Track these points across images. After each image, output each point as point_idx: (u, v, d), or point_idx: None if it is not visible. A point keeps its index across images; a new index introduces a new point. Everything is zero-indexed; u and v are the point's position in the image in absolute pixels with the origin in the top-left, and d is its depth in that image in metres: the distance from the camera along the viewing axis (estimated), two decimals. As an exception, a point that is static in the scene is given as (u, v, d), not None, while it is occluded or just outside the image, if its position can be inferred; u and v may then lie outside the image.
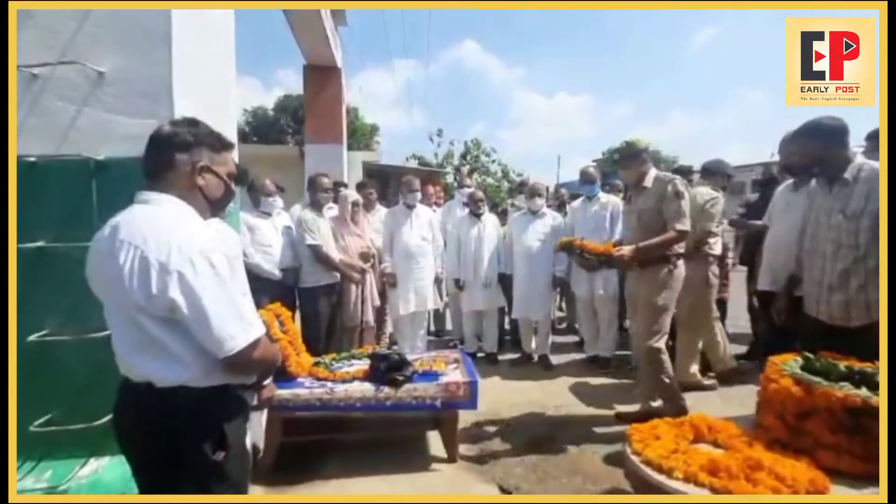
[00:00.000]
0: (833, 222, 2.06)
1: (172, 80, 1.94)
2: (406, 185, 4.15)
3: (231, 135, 2.53)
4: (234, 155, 1.61)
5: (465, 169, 14.38)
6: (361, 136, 17.09)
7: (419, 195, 4.21)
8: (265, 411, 2.22)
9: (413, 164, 15.82)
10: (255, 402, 1.77)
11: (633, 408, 3.02)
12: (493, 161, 17.46)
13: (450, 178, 14.03)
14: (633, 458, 1.70)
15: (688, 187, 2.71)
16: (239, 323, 1.09)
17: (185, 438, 1.11)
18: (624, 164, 2.82)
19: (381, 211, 4.60)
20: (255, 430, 1.82)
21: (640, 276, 2.80)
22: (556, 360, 4.15)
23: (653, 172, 2.78)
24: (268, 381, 1.70)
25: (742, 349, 4.04)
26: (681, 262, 2.75)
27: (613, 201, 4.02)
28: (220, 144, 1.26)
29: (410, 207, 4.09)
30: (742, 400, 2.81)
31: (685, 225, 2.61)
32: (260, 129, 18.55)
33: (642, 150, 2.76)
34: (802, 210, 2.32)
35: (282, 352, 2.42)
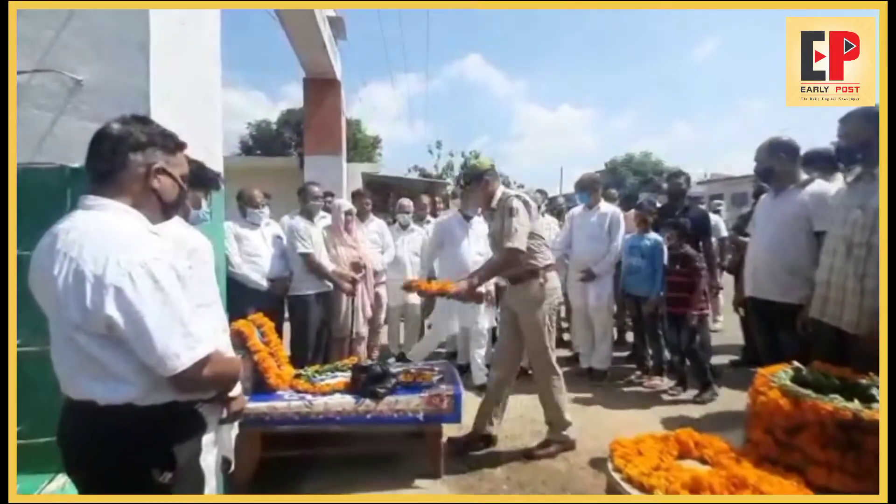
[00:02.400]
0: (850, 218, 2.01)
1: (150, 89, 1.93)
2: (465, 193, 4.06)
3: (215, 144, 2.55)
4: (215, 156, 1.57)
5: (451, 182, 14.41)
6: (363, 147, 17.19)
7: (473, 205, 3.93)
8: (236, 424, 2.16)
9: (414, 175, 15.88)
10: (223, 416, 1.73)
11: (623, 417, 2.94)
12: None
13: (450, 189, 14.05)
14: (615, 474, 1.63)
15: (528, 205, 2.63)
16: (184, 340, 1.01)
17: (130, 459, 1.04)
18: (468, 187, 2.80)
19: (374, 221, 4.56)
20: (226, 444, 1.76)
21: (513, 293, 2.76)
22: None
23: (499, 193, 2.71)
24: (236, 394, 1.65)
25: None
26: (551, 275, 2.69)
27: (612, 211, 3.98)
28: (174, 144, 1.19)
29: (468, 218, 3.93)
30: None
31: (514, 243, 2.49)
32: (263, 141, 18.72)
33: (484, 172, 2.70)
34: (783, 216, 2.28)
35: (261, 363, 2.38)
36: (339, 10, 7.53)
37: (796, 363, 1.85)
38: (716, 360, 3.92)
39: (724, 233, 5.07)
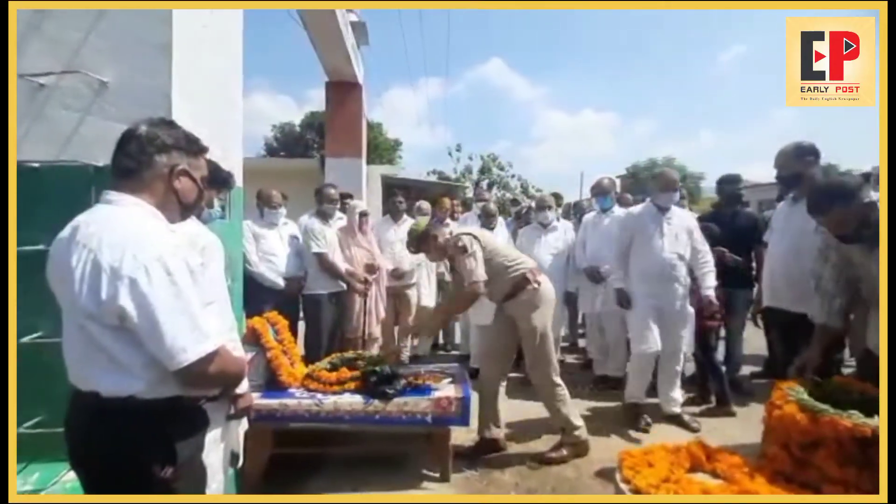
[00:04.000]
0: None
1: (171, 90, 1.98)
2: (539, 201, 4.23)
3: (235, 144, 2.61)
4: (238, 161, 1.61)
5: (485, 184, 14.42)
6: (384, 150, 17.36)
7: (549, 214, 4.07)
8: (244, 420, 2.19)
9: (433, 178, 15.94)
10: (230, 412, 1.75)
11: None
12: (513, 176, 17.46)
13: (469, 193, 14.06)
14: (623, 485, 1.60)
15: (472, 242, 2.61)
16: (192, 335, 1.03)
17: (130, 453, 1.06)
18: (421, 251, 2.82)
19: (407, 222, 4.53)
20: (234, 439, 1.79)
21: (510, 307, 2.72)
22: (563, 380, 4.01)
23: (445, 236, 2.71)
24: (243, 391, 1.68)
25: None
26: (543, 278, 2.69)
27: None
28: (197, 148, 1.23)
29: (545, 226, 4.05)
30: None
31: (473, 277, 2.53)
32: (287, 144, 19.09)
33: (426, 232, 2.74)
34: (804, 222, 2.25)
35: (273, 361, 2.41)
36: (362, 16, 7.63)
37: (814, 376, 1.79)
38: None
39: None
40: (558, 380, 2.70)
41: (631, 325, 3.17)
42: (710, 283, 3.01)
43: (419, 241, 2.77)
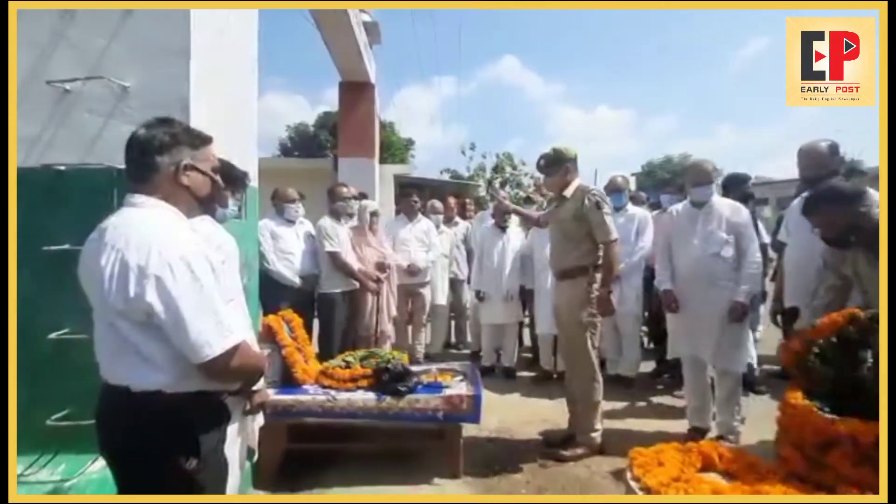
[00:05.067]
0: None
1: (189, 94, 2.04)
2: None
3: (251, 145, 2.66)
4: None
5: (497, 183, 14.39)
6: (397, 150, 17.42)
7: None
8: (259, 416, 2.24)
9: (445, 177, 15.96)
10: (247, 408, 1.80)
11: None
12: (526, 174, 17.38)
13: (482, 192, 14.05)
14: (632, 483, 1.60)
15: (604, 197, 2.66)
16: (216, 329, 1.08)
17: (157, 444, 1.11)
18: (547, 170, 2.76)
19: (423, 221, 4.55)
20: (250, 435, 1.84)
21: (559, 290, 2.72)
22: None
23: (576, 183, 2.71)
24: (259, 387, 1.72)
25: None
26: (599, 276, 2.65)
27: (640, 213, 3.91)
28: (199, 140, 1.24)
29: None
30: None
31: (613, 234, 2.58)
32: (301, 143, 19.28)
33: (567, 160, 2.70)
34: None
35: (288, 357, 2.46)
36: (374, 15, 7.67)
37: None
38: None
39: (766, 238, 4.86)
40: (598, 372, 2.71)
41: (668, 329, 3.08)
42: (743, 288, 2.63)
43: (553, 162, 2.72)
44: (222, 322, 1.10)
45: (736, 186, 3.74)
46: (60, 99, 2.02)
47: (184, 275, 1.05)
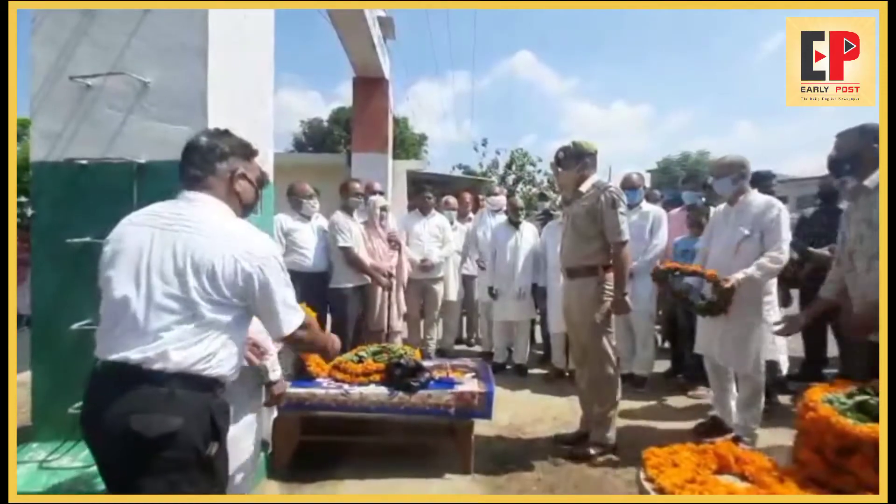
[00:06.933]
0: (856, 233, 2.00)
1: (207, 91, 2.06)
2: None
3: (266, 141, 2.68)
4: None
5: (511, 179, 14.34)
6: (410, 145, 17.44)
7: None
8: (274, 409, 2.28)
9: (458, 173, 15.94)
10: (265, 399, 1.83)
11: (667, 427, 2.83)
12: (539, 171, 17.26)
13: (495, 187, 14.02)
14: (646, 484, 1.59)
15: (622, 196, 2.60)
16: (294, 310, 1.31)
17: (193, 429, 1.13)
18: (563, 164, 2.72)
19: (437, 216, 4.55)
20: (264, 428, 1.88)
21: (569, 290, 2.69)
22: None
23: (593, 179, 2.67)
24: (276, 378, 1.76)
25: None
26: (610, 276, 2.61)
27: (655, 211, 3.85)
28: (249, 152, 1.39)
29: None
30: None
31: (624, 236, 2.54)
32: (315, 139, 19.40)
33: (587, 154, 2.66)
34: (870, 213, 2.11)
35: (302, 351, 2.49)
36: (389, 11, 7.66)
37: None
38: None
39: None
40: (615, 365, 2.69)
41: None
42: (749, 269, 2.49)
43: (571, 156, 2.67)
44: (294, 306, 1.31)
45: (757, 184, 3.66)
46: (82, 95, 2.06)
47: (275, 268, 1.25)
